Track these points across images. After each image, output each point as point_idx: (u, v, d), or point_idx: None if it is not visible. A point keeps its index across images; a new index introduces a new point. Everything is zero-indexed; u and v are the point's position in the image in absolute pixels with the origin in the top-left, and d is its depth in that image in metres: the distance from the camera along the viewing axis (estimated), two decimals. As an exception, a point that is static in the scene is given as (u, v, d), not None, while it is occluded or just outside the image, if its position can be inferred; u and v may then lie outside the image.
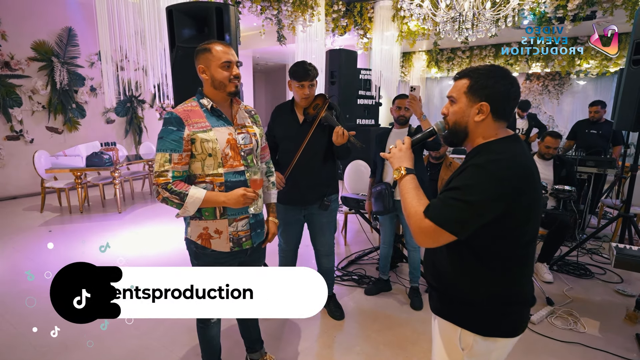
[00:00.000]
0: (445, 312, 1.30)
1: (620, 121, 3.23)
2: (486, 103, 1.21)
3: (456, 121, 1.27)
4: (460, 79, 1.26)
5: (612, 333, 2.69)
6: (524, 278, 1.25)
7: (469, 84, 1.23)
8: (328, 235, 2.73)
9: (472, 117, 1.23)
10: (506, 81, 1.21)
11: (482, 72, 1.23)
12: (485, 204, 1.12)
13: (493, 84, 1.20)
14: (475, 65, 1.30)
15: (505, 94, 1.21)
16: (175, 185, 1.63)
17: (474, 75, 1.23)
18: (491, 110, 1.21)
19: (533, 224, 1.21)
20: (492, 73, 1.22)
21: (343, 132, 2.33)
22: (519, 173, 1.15)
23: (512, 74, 1.25)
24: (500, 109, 1.22)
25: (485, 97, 1.21)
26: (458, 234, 1.14)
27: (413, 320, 2.84)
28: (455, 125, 1.28)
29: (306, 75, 2.40)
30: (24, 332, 2.63)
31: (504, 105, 1.22)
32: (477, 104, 1.22)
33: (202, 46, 1.70)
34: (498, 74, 1.22)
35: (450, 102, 1.29)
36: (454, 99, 1.27)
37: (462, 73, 1.27)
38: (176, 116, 1.64)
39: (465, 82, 1.24)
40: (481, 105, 1.21)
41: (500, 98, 1.21)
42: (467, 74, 1.25)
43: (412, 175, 1.30)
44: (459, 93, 1.25)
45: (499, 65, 1.28)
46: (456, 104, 1.27)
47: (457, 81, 1.28)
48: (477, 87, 1.22)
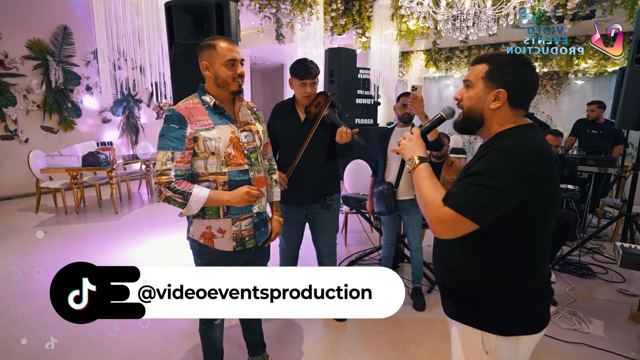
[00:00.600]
0: (463, 315, 1.25)
1: (623, 120, 3.22)
2: (504, 90, 1.17)
3: (471, 107, 1.23)
4: (479, 64, 1.22)
5: (617, 333, 2.67)
6: (542, 272, 1.21)
7: (488, 69, 1.19)
8: (330, 235, 2.69)
9: (487, 104, 1.19)
10: (527, 70, 1.17)
11: (502, 58, 1.19)
12: (509, 188, 1.08)
13: (513, 71, 1.16)
14: (496, 52, 1.26)
15: (524, 82, 1.17)
16: (179, 184, 1.59)
17: (494, 61, 1.19)
18: (508, 98, 1.17)
19: (551, 216, 1.18)
20: (513, 60, 1.18)
21: (347, 130, 2.29)
22: (542, 159, 1.11)
23: (532, 63, 1.22)
24: (517, 97, 1.18)
25: (503, 84, 1.17)
26: (480, 222, 1.09)
27: (416, 322, 2.80)
28: (469, 111, 1.24)
29: (308, 73, 2.35)
30: (19, 337, 2.57)
31: (521, 94, 1.19)
32: (494, 90, 1.18)
33: (207, 42, 1.65)
34: (519, 61, 1.18)
35: (466, 86, 1.24)
36: (470, 83, 1.22)
37: (481, 58, 1.23)
38: (178, 113, 1.59)
39: (484, 67, 1.20)
40: (498, 92, 1.17)
41: (519, 86, 1.17)
42: (486, 59, 1.21)
43: (426, 164, 1.25)
44: (477, 78, 1.21)
45: (520, 54, 1.24)
46: (472, 89, 1.22)
47: (475, 65, 1.23)
48: (497, 73, 1.17)
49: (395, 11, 6.51)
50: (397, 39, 6.76)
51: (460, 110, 1.27)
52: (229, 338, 2.48)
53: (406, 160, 1.30)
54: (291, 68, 2.42)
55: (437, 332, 2.67)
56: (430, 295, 3.17)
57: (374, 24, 6.78)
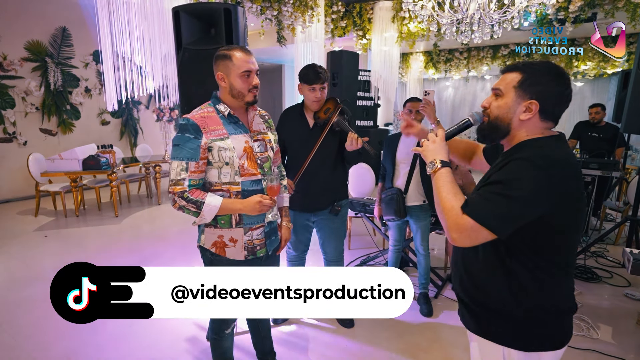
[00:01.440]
0: (485, 330, 1.22)
1: (628, 124, 3.22)
2: (536, 101, 1.13)
3: (499, 116, 1.19)
4: (511, 72, 1.18)
5: (626, 339, 2.66)
6: (568, 286, 1.19)
7: (520, 78, 1.15)
8: (338, 241, 2.67)
9: (517, 114, 1.16)
10: (562, 81, 1.13)
11: (536, 68, 1.15)
12: (531, 199, 1.05)
13: (547, 82, 1.13)
14: (530, 60, 1.22)
15: (558, 94, 1.14)
16: (192, 194, 1.58)
17: (527, 70, 1.15)
18: (540, 110, 1.13)
19: (580, 229, 1.15)
20: (547, 70, 1.14)
21: (357, 137, 2.27)
22: (568, 171, 1.09)
23: (568, 75, 1.19)
24: (550, 109, 1.14)
25: (536, 94, 1.13)
26: (499, 232, 1.07)
27: (424, 328, 2.79)
28: (496, 120, 1.19)
29: (317, 78, 2.33)
30: (22, 344, 2.54)
31: (554, 106, 1.15)
32: (527, 101, 1.14)
33: (222, 52, 1.63)
34: (554, 72, 1.14)
35: (495, 95, 1.20)
36: (500, 92, 1.18)
37: (513, 66, 1.18)
38: (193, 123, 1.58)
39: (517, 76, 1.15)
40: (530, 103, 1.13)
41: (552, 98, 1.13)
42: (519, 68, 1.16)
43: (448, 169, 1.21)
44: (507, 87, 1.17)
45: (554, 63, 1.19)
46: (502, 98, 1.18)
47: (506, 74, 1.19)
48: (530, 83, 1.13)
49: (396, 13, 6.50)
50: (397, 41, 6.75)
51: (485, 117, 1.24)
52: (239, 346, 2.46)
53: (427, 162, 1.26)
54: (300, 73, 2.40)
55: (446, 339, 2.66)
56: (437, 300, 3.16)
57: (374, 26, 6.77)
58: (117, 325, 2.72)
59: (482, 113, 1.24)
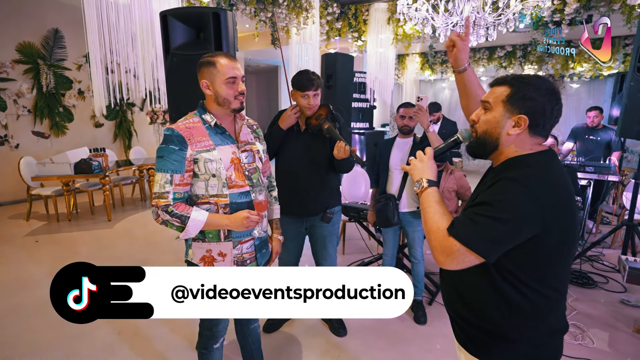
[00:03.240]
0: (473, 346, 1.18)
1: (624, 129, 3.18)
2: (525, 116, 1.08)
3: (487, 131, 1.14)
4: (500, 86, 1.13)
5: (623, 346, 2.63)
6: (560, 307, 1.15)
7: (509, 92, 1.10)
8: (330, 249, 2.63)
9: (506, 129, 1.11)
10: (552, 97, 1.09)
11: (526, 81, 1.10)
12: (519, 222, 1.01)
13: (537, 97, 1.08)
14: (519, 74, 1.16)
15: (549, 110, 1.09)
16: (176, 208, 1.52)
17: (516, 84, 1.10)
18: (529, 125, 1.09)
19: (573, 249, 1.11)
20: (537, 85, 1.09)
21: (345, 146, 2.23)
22: (558, 191, 1.05)
23: (559, 89, 1.13)
24: (540, 125, 1.10)
25: (525, 109, 1.08)
26: (486, 256, 1.03)
27: (418, 336, 2.75)
28: (484, 135, 1.15)
29: (310, 84, 2.29)
30: (12, 355, 2.48)
31: (544, 121, 1.10)
32: (515, 116, 1.09)
33: (206, 59, 1.58)
34: (544, 87, 1.09)
35: (484, 108, 1.16)
36: (489, 105, 1.14)
37: (502, 80, 1.14)
38: (178, 134, 1.52)
39: (505, 90, 1.11)
40: (519, 118, 1.09)
41: (542, 113, 1.09)
42: (508, 81, 1.12)
43: (435, 188, 1.18)
44: (496, 101, 1.12)
45: (544, 77, 1.15)
46: (490, 112, 1.14)
47: (494, 87, 1.15)
48: (518, 97, 1.09)
49: (391, 15, 6.47)
50: (393, 43, 6.72)
51: (474, 132, 1.19)
52: (229, 358, 2.42)
53: (414, 181, 1.23)
54: (293, 80, 2.35)
55: (440, 347, 2.62)
56: (432, 307, 3.12)
57: (370, 28, 6.74)
58: (105, 334, 2.67)
59: (471, 129, 1.20)
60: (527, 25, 5.50)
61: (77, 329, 2.61)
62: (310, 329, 2.79)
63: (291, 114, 2.33)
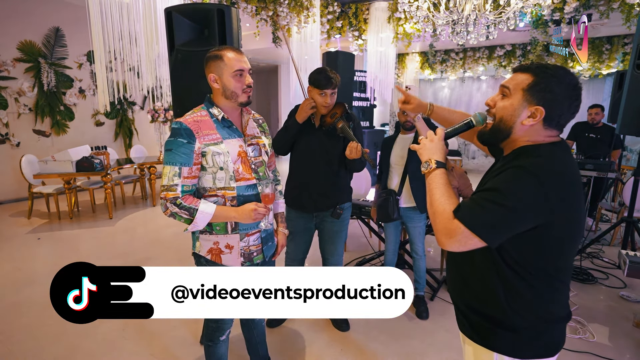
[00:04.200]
0: (479, 336, 1.20)
1: (624, 126, 3.21)
2: (542, 108, 1.07)
3: (503, 118, 1.12)
4: (522, 73, 1.11)
5: (623, 341, 2.66)
6: (564, 296, 1.17)
7: (531, 81, 1.08)
8: (338, 245, 2.65)
9: (521, 119, 1.10)
10: (574, 92, 1.07)
11: (550, 72, 1.07)
12: (524, 210, 1.01)
13: (558, 90, 1.06)
14: (544, 63, 1.15)
15: (567, 104, 1.07)
16: (185, 200, 1.54)
17: (540, 74, 1.07)
18: (544, 118, 1.07)
19: (578, 239, 1.12)
20: (561, 77, 1.07)
21: (357, 147, 2.25)
22: (567, 183, 1.04)
23: (581, 85, 1.10)
24: (555, 118, 1.09)
25: (544, 101, 1.06)
26: (489, 241, 1.04)
27: (420, 331, 2.77)
28: (500, 122, 1.13)
29: (329, 83, 2.31)
30: (15, 351, 2.50)
31: (560, 116, 1.08)
32: (533, 106, 1.08)
33: (213, 53, 1.60)
34: (567, 80, 1.07)
35: (502, 93, 1.14)
36: (508, 91, 1.11)
37: (525, 67, 1.11)
38: (186, 127, 1.54)
39: (527, 78, 1.09)
40: (536, 109, 1.07)
41: (560, 108, 1.07)
42: (532, 70, 1.09)
43: (443, 170, 1.17)
44: (516, 88, 1.10)
45: (568, 69, 1.12)
46: (508, 99, 1.12)
47: (517, 73, 1.12)
48: (540, 88, 1.07)
49: (392, 14, 6.48)
50: (393, 42, 6.73)
51: (490, 119, 1.17)
52: (234, 352, 2.43)
53: (422, 161, 1.22)
54: (311, 77, 2.37)
55: (442, 342, 2.64)
56: (434, 302, 3.14)
57: (370, 27, 6.75)
58: (109, 330, 2.69)
59: (487, 113, 1.19)
60: (527, 24, 5.53)
61: (81, 325, 2.62)
62: (314, 324, 2.81)
63: (306, 107, 2.35)
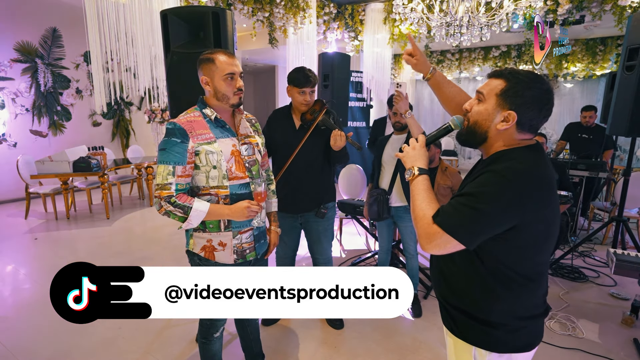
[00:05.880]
0: (459, 330, 1.24)
1: (614, 127, 3.26)
2: (514, 113, 1.11)
3: (477, 122, 1.17)
4: (496, 79, 1.15)
5: (611, 338, 2.70)
6: (540, 291, 1.21)
7: (504, 86, 1.12)
8: (325, 244, 2.69)
9: (495, 123, 1.14)
10: (544, 97, 1.11)
11: (521, 78, 1.11)
12: (499, 214, 1.06)
13: (529, 95, 1.10)
14: (517, 68, 1.19)
15: (538, 108, 1.11)
16: (179, 198, 1.58)
17: (512, 79, 1.11)
18: (517, 122, 1.11)
19: (552, 240, 1.16)
20: (532, 82, 1.10)
21: (341, 134, 2.31)
22: (539, 185, 1.08)
23: (552, 88, 1.15)
24: (527, 122, 1.13)
25: (515, 106, 1.11)
26: (467, 243, 1.08)
27: (412, 328, 2.82)
28: (475, 125, 1.18)
29: (307, 81, 2.36)
30: (14, 352, 2.53)
31: (532, 119, 1.12)
32: (505, 111, 1.12)
33: (205, 55, 1.64)
34: (537, 85, 1.10)
35: (477, 98, 1.18)
36: (482, 97, 1.16)
37: (499, 73, 1.15)
38: (180, 127, 1.58)
39: (500, 84, 1.13)
40: (509, 114, 1.11)
41: (531, 112, 1.11)
42: (505, 75, 1.13)
43: (425, 176, 1.22)
44: (490, 93, 1.14)
45: (540, 76, 1.14)
46: (482, 104, 1.16)
47: (491, 79, 1.16)
48: (511, 93, 1.11)
49: (387, 15, 6.53)
50: (389, 43, 6.78)
51: (465, 121, 1.22)
52: (228, 350, 2.47)
53: (406, 168, 1.27)
54: (289, 76, 2.42)
55: (434, 339, 2.68)
56: (427, 301, 3.19)
57: (366, 28, 6.80)
58: (106, 328, 2.72)
59: (463, 117, 1.24)
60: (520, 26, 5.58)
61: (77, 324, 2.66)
62: (308, 322, 2.85)
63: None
